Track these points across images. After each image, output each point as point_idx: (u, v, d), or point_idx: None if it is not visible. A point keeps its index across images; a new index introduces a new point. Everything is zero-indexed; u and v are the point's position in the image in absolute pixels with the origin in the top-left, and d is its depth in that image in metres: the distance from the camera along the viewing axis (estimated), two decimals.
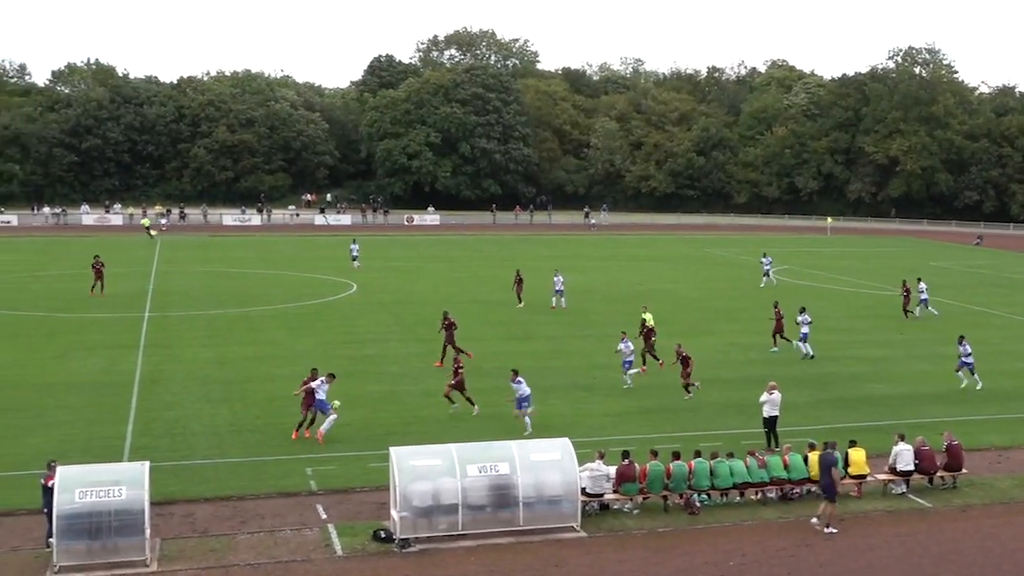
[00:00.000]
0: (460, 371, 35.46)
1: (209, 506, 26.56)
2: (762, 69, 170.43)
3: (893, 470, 28.40)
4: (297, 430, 32.34)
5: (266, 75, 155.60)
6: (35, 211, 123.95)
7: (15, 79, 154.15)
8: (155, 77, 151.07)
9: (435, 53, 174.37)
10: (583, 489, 25.62)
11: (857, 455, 28.00)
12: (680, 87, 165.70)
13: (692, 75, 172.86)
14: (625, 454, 26.87)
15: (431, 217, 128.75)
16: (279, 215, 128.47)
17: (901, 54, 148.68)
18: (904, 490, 28.36)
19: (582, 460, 26.01)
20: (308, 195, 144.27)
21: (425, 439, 29.09)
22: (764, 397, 31.91)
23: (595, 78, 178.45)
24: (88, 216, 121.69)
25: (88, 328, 50.26)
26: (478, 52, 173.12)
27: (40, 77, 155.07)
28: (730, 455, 27.72)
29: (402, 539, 23.95)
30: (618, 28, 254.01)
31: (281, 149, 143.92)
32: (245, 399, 37.04)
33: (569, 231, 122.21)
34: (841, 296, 66.86)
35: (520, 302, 58.36)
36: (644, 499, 26.60)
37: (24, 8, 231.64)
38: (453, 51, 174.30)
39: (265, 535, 24.59)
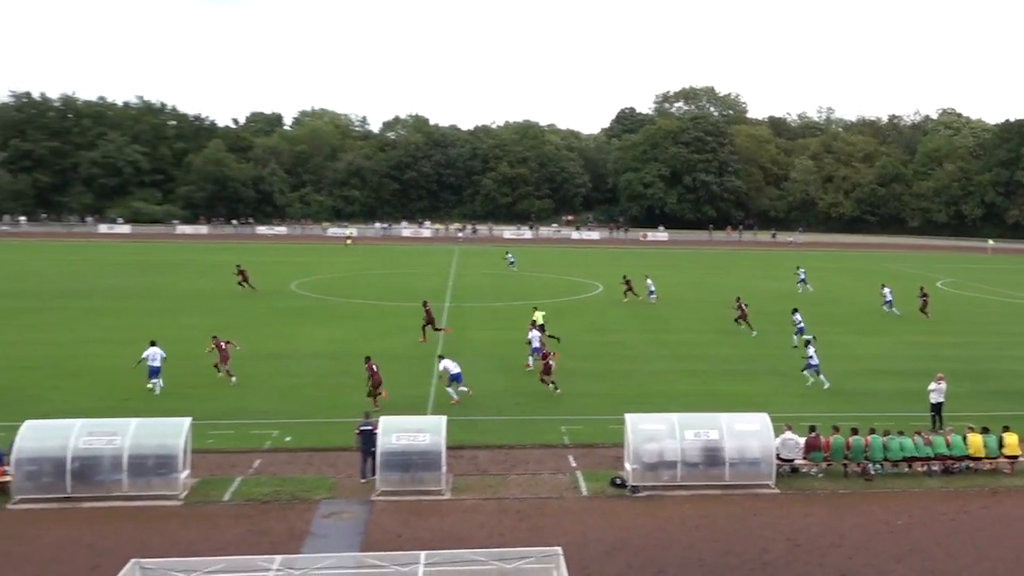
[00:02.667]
0: (548, 359, 34.11)
1: (488, 452, 27.00)
2: (934, 116, 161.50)
3: None
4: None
5: (538, 124, 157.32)
6: (368, 225, 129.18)
7: (358, 127, 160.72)
8: (456, 125, 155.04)
9: (667, 105, 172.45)
10: (777, 454, 24.90)
11: (1011, 438, 26.22)
12: (864, 130, 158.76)
13: (875, 121, 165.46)
14: (812, 428, 25.99)
15: (661, 234, 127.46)
16: (544, 231, 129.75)
17: None
18: None
19: (777, 432, 25.30)
20: (567, 216, 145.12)
21: (652, 408, 28.81)
22: (932, 386, 30.24)
23: (794, 124, 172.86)
24: (406, 229, 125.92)
25: (403, 314, 51.81)
26: (700, 104, 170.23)
27: (375, 126, 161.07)
28: (900, 433, 26.42)
29: (633, 486, 23.84)
30: (814, 83, 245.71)
31: (547, 180, 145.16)
32: (517, 371, 37.51)
33: (770, 247, 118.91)
34: (999, 305, 62.68)
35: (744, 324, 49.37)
36: (827, 465, 25.61)
37: (367, 74, 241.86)
38: (681, 103, 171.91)
39: (529, 476, 24.86)
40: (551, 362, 34.47)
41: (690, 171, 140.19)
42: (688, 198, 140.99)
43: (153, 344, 34.18)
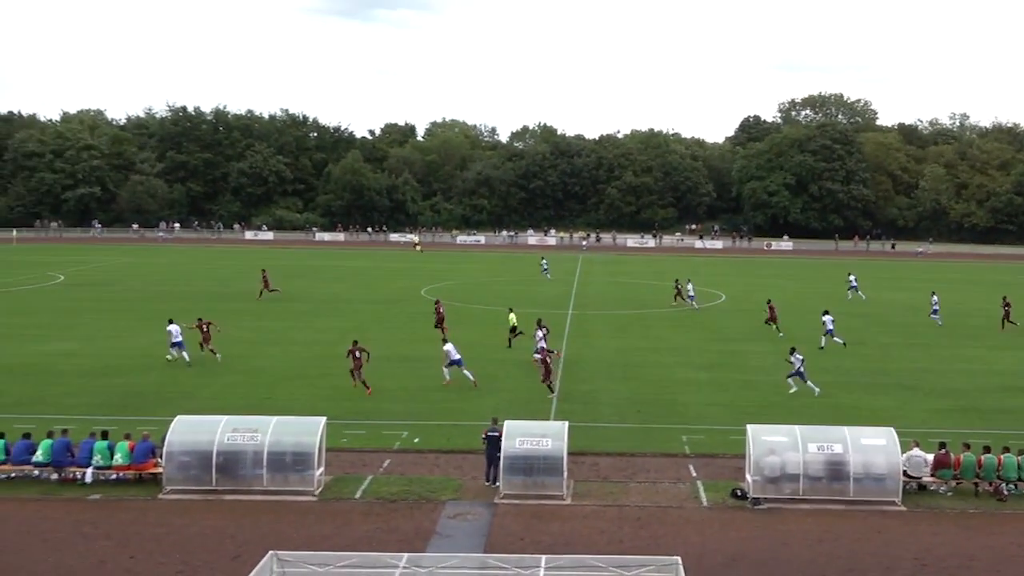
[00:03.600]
0: (548, 361, 34.51)
1: (609, 459, 26.81)
2: None
3: None
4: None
5: (663, 132, 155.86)
6: (496, 233, 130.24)
7: (488, 138, 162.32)
8: (582, 135, 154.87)
9: (793, 112, 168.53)
10: (904, 471, 24.04)
11: None
12: (1001, 137, 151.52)
13: (1012, 127, 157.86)
14: (942, 444, 24.93)
15: (785, 244, 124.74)
16: (668, 239, 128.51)
17: None
18: None
19: (903, 448, 24.40)
20: (691, 225, 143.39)
21: (774, 420, 28.18)
22: None
23: (925, 132, 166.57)
24: (532, 237, 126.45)
25: (529, 320, 51.99)
26: (827, 111, 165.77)
27: (504, 136, 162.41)
28: None
29: (754, 498, 23.35)
30: (947, 89, 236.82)
31: (671, 189, 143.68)
32: (639, 379, 37.21)
33: (895, 258, 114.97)
34: None
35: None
36: (957, 484, 24.51)
37: (497, 85, 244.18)
38: (808, 111, 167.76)
39: (649, 485, 24.61)
40: (549, 363, 34.51)
41: (816, 179, 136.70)
42: (814, 207, 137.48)
43: (171, 322, 39.05)
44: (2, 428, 25.59)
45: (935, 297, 54.25)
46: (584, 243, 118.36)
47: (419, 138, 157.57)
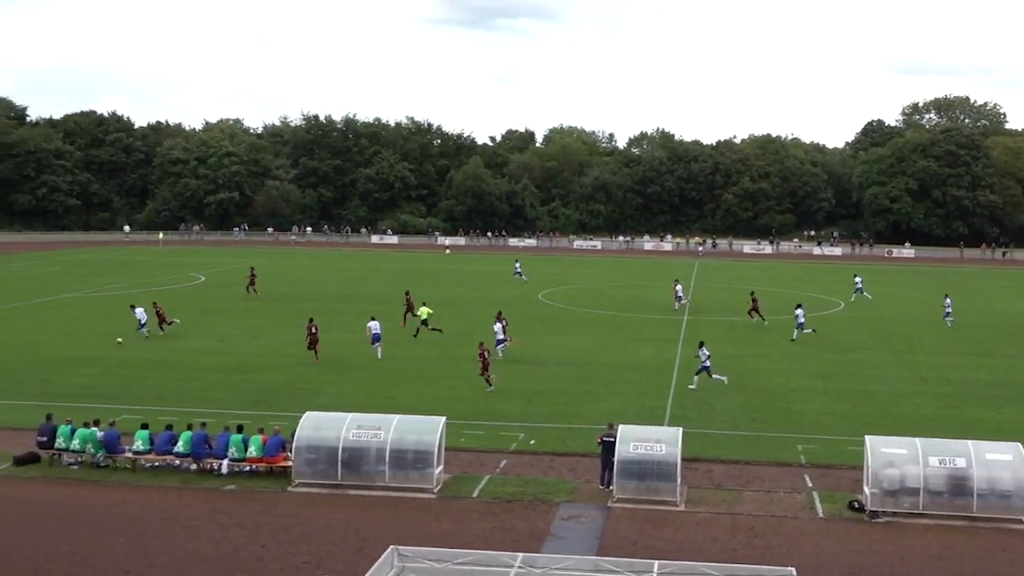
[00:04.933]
0: (486, 356, 34.93)
1: (723, 466, 26.37)
2: None
3: None
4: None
5: (781, 137, 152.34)
6: (612, 238, 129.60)
7: (605, 144, 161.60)
8: (699, 140, 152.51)
9: (916, 116, 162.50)
10: None
11: None
12: None
13: None
14: None
15: (907, 251, 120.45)
16: (785, 246, 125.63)
17: None
18: None
19: None
20: (809, 231, 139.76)
21: (894, 431, 27.17)
22: None
23: None
24: (648, 243, 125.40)
25: (644, 325, 51.67)
26: (953, 115, 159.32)
27: (621, 142, 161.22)
28: None
29: (872, 511, 22.55)
30: None
31: (789, 195, 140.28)
32: (753, 386, 36.43)
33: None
34: None
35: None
36: None
37: (616, 92, 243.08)
38: (932, 115, 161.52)
39: (764, 494, 24.06)
40: (487, 358, 34.90)
41: (940, 185, 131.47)
42: (937, 213, 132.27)
43: (137, 306, 45.52)
44: (147, 419, 26.73)
45: (948, 299, 53.14)
46: (700, 249, 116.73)
47: (538, 144, 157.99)
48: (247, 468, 24.82)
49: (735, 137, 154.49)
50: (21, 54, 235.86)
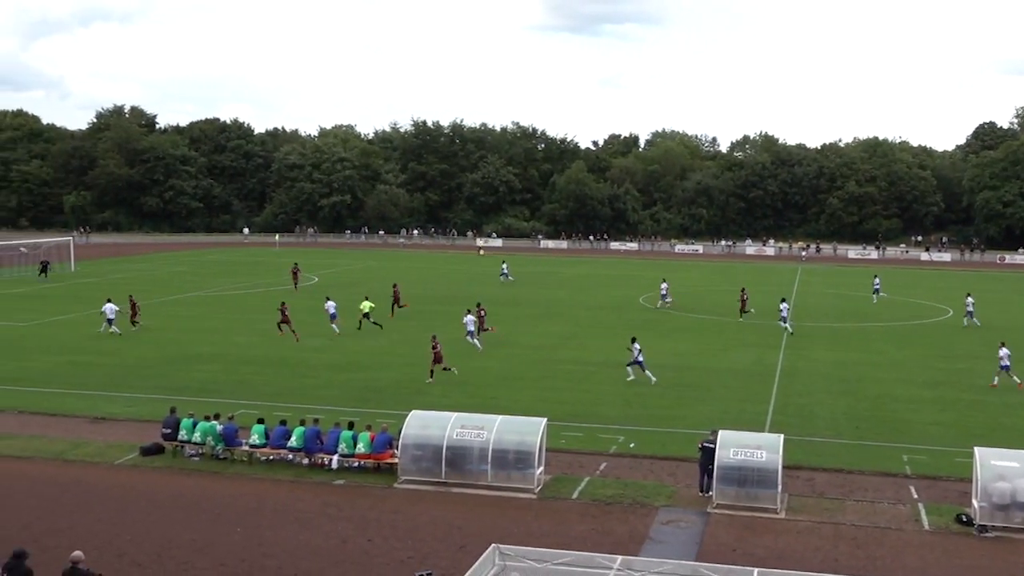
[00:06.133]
0: (437, 348, 36.39)
1: (825, 474, 25.67)
2: None
3: None
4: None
5: (888, 140, 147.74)
6: (714, 243, 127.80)
7: (708, 147, 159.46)
8: (804, 143, 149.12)
9: None
10: None
11: None
12: None
13: None
14: None
15: (1020, 257, 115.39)
16: (892, 251, 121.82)
17: None
18: None
19: None
20: (916, 236, 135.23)
21: (1005, 443, 26.05)
22: None
23: None
24: (750, 248, 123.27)
25: (745, 330, 50.80)
26: None
27: (724, 146, 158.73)
28: None
29: (981, 525, 21.64)
30: None
31: (896, 199, 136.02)
32: (857, 394, 35.46)
33: None
34: None
35: None
36: None
37: (718, 96, 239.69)
38: None
39: (867, 504, 23.35)
40: (438, 350, 36.27)
41: None
42: None
43: (109, 301, 46.21)
44: (263, 414, 27.53)
45: (969, 299, 53.25)
46: (803, 254, 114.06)
47: (641, 148, 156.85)
48: (356, 464, 25.28)
49: (840, 140, 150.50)
50: (153, 65, 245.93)
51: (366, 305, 48.22)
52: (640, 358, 36.63)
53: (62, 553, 17.35)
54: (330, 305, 47.80)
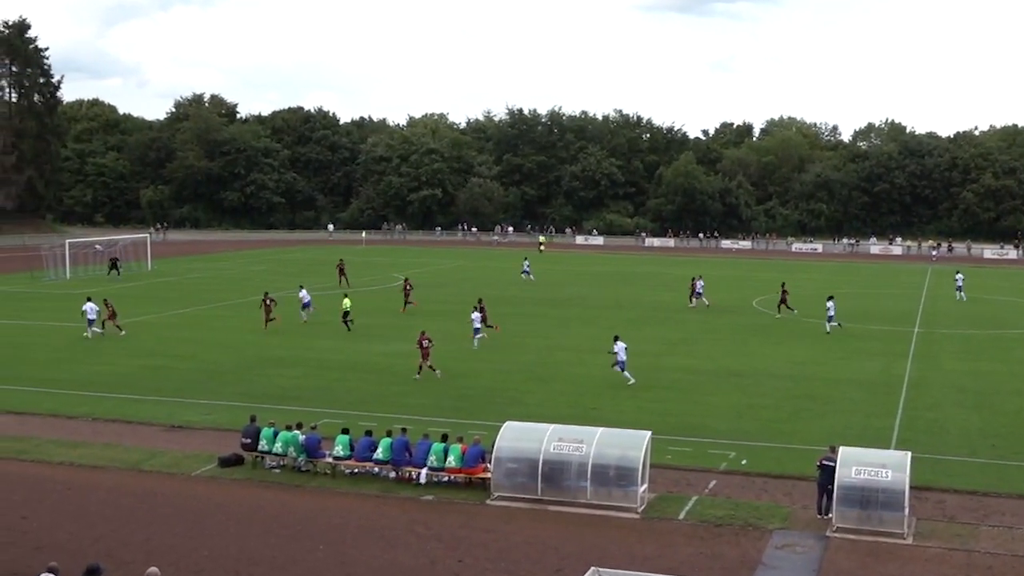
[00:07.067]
0: (425, 344, 37.98)
1: (957, 496, 24.91)
2: None
3: None
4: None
5: None
6: (835, 241, 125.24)
7: (828, 137, 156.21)
8: (935, 132, 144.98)
9: None
10: None
11: None
12: None
13: None
14: None
15: None
16: None
17: None
18: None
19: None
20: None
21: None
22: None
23: None
24: (875, 247, 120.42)
25: (870, 337, 49.65)
26: None
27: (846, 135, 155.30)
28: None
29: None
30: None
31: None
32: (994, 408, 34.33)
33: None
34: None
35: None
36: None
37: (840, 80, 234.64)
38: None
39: (1004, 530, 22.56)
40: (427, 347, 37.67)
41: None
42: None
43: (89, 300, 47.73)
44: (347, 424, 27.98)
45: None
46: (934, 253, 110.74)
47: (755, 138, 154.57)
48: (445, 478, 25.49)
49: (975, 128, 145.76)
50: (234, 51, 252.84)
51: (346, 303, 49.61)
52: (622, 357, 36.76)
53: (137, 569, 17.96)
54: (303, 294, 51.27)
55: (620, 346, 37.04)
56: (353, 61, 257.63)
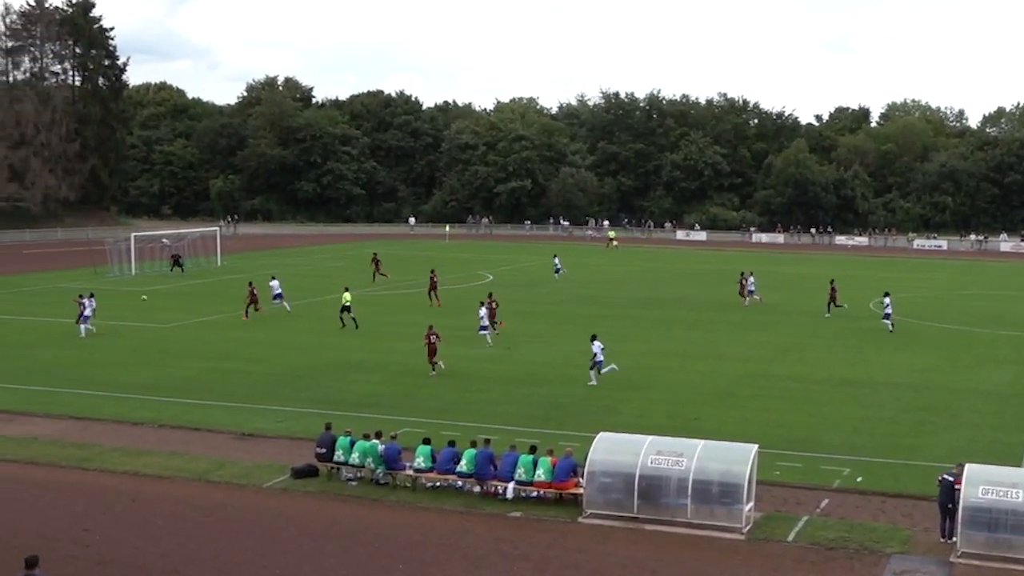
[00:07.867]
0: (432, 341, 39.13)
1: None
2: None
3: None
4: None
5: None
6: (961, 237, 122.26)
7: (954, 123, 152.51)
8: None
9: None
10: None
11: None
12: None
13: None
14: None
15: None
16: None
17: None
18: None
19: None
20: None
21: None
22: None
23: None
24: (1005, 243, 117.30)
25: (999, 343, 48.50)
26: None
27: (974, 120, 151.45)
28: None
29: None
30: None
31: None
32: None
33: None
34: None
35: None
36: None
37: (968, 62, 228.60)
38: None
39: None
40: (434, 343, 38.89)
41: None
42: None
43: (91, 296, 48.78)
44: (429, 433, 28.09)
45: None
46: None
47: (873, 124, 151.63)
48: (534, 494, 25.44)
49: None
50: (310, 31, 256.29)
51: (347, 297, 50.42)
52: (600, 358, 37.24)
53: None
54: (274, 284, 54.21)
55: (597, 345, 37.63)
56: (436, 41, 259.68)
